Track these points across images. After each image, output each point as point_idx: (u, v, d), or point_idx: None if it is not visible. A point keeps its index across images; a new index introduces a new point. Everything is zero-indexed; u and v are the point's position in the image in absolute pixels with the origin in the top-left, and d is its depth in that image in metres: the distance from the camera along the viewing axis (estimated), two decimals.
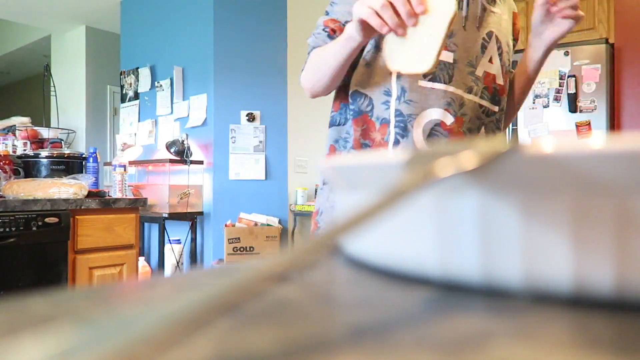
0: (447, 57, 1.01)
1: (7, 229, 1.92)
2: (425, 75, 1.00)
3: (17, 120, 2.96)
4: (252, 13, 4.10)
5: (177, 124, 4.29)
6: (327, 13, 1.09)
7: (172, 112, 4.34)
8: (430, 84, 1.01)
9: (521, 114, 3.63)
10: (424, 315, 0.20)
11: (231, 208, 3.98)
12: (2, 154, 2.33)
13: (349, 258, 0.33)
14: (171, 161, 3.91)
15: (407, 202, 0.25)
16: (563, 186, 0.20)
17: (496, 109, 1.07)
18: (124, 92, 4.89)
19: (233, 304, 0.13)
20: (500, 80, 1.06)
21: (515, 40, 1.18)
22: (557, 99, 3.55)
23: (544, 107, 3.61)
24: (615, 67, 3.43)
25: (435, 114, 1.00)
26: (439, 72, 1.01)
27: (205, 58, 4.07)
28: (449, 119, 1.00)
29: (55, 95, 4.71)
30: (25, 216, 1.97)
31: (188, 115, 4.19)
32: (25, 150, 2.67)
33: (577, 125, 3.48)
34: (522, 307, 0.21)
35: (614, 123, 3.47)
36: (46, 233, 2.03)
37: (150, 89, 4.57)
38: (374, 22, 0.85)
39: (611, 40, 3.45)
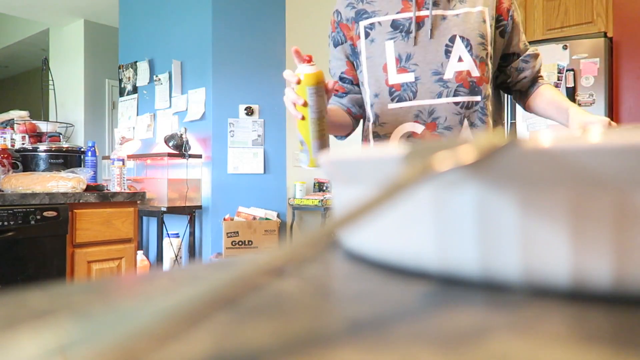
0: (409, 77, 1.12)
1: (6, 223, 1.92)
2: (392, 99, 1.13)
3: (15, 114, 2.95)
4: (251, 7, 4.08)
5: (175, 117, 4.28)
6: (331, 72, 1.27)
7: (170, 106, 4.33)
8: (398, 105, 1.13)
9: (519, 108, 3.61)
10: (423, 309, 0.20)
11: (230, 202, 3.98)
12: (0, 147, 2.33)
13: (347, 252, 0.33)
14: (170, 155, 3.90)
15: (406, 196, 0.25)
16: (561, 180, 0.20)
17: (478, 98, 1.13)
18: (122, 85, 4.88)
19: (231, 298, 0.13)
20: (475, 73, 1.13)
21: (503, 18, 1.20)
22: None
23: None
24: (614, 61, 3.42)
25: (406, 127, 1.13)
26: (403, 93, 1.12)
27: (203, 52, 4.05)
28: (419, 128, 1.12)
29: (54, 89, 4.69)
30: (24, 210, 1.97)
31: (186, 109, 4.18)
32: (23, 144, 2.67)
33: None
34: (520, 301, 0.21)
35: (612, 117, 3.47)
36: (44, 227, 2.03)
37: (148, 83, 4.56)
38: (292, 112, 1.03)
39: (610, 34, 3.44)
